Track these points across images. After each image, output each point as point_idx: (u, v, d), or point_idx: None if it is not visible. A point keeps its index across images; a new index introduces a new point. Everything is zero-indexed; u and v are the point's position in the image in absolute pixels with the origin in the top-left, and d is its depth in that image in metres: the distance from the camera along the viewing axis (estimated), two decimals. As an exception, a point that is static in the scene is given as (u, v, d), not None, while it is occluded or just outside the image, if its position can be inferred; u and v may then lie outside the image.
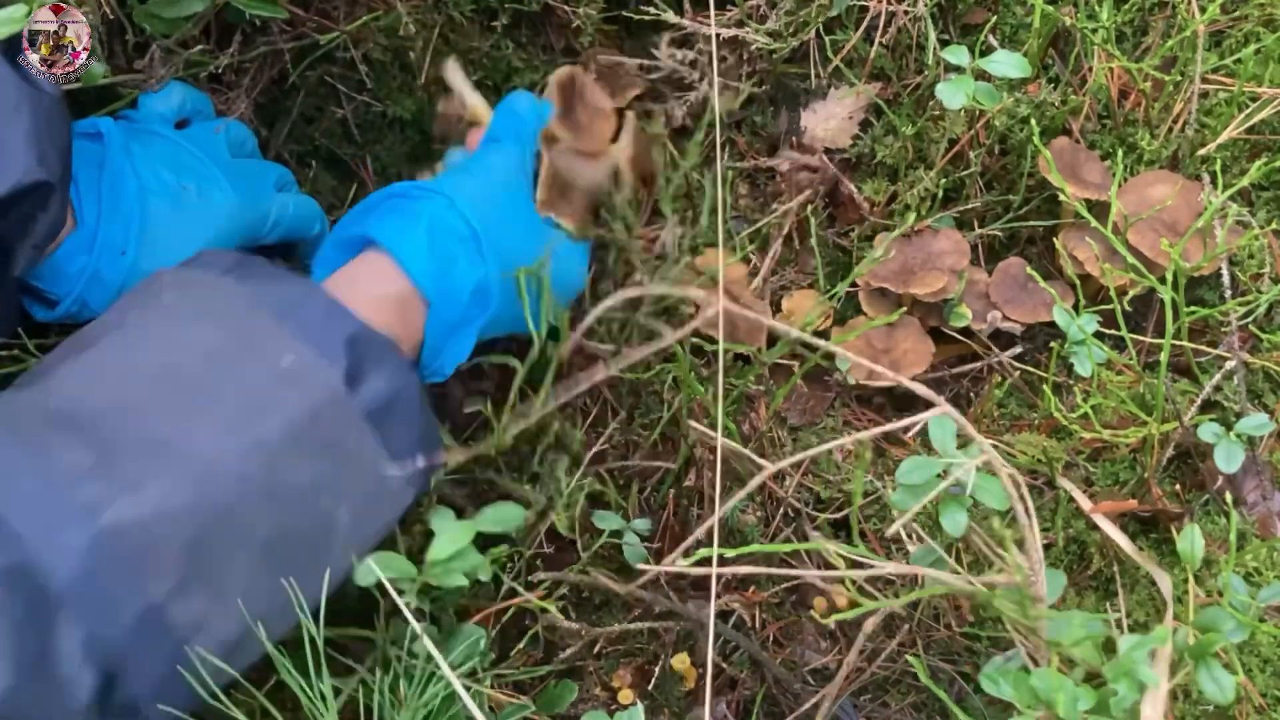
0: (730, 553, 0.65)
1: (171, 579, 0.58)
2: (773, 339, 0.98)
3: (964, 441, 0.72)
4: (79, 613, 0.56)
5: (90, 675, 0.56)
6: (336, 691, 0.68)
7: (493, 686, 0.80)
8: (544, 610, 0.82)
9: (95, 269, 0.81)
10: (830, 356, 0.93)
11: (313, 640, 0.64)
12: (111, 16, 0.85)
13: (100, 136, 0.85)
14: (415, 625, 0.62)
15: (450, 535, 0.71)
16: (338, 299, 0.69)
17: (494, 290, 0.79)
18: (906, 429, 0.98)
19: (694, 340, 0.97)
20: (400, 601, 0.64)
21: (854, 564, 0.66)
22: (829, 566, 0.69)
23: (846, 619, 0.61)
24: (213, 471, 0.60)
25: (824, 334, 1.01)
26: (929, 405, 1.03)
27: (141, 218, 0.83)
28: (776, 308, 1.04)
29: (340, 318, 0.67)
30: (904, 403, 1.01)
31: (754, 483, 0.62)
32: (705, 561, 0.71)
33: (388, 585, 0.65)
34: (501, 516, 0.74)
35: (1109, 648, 0.60)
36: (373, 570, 0.68)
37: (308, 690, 0.64)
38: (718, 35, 0.98)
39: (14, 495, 0.57)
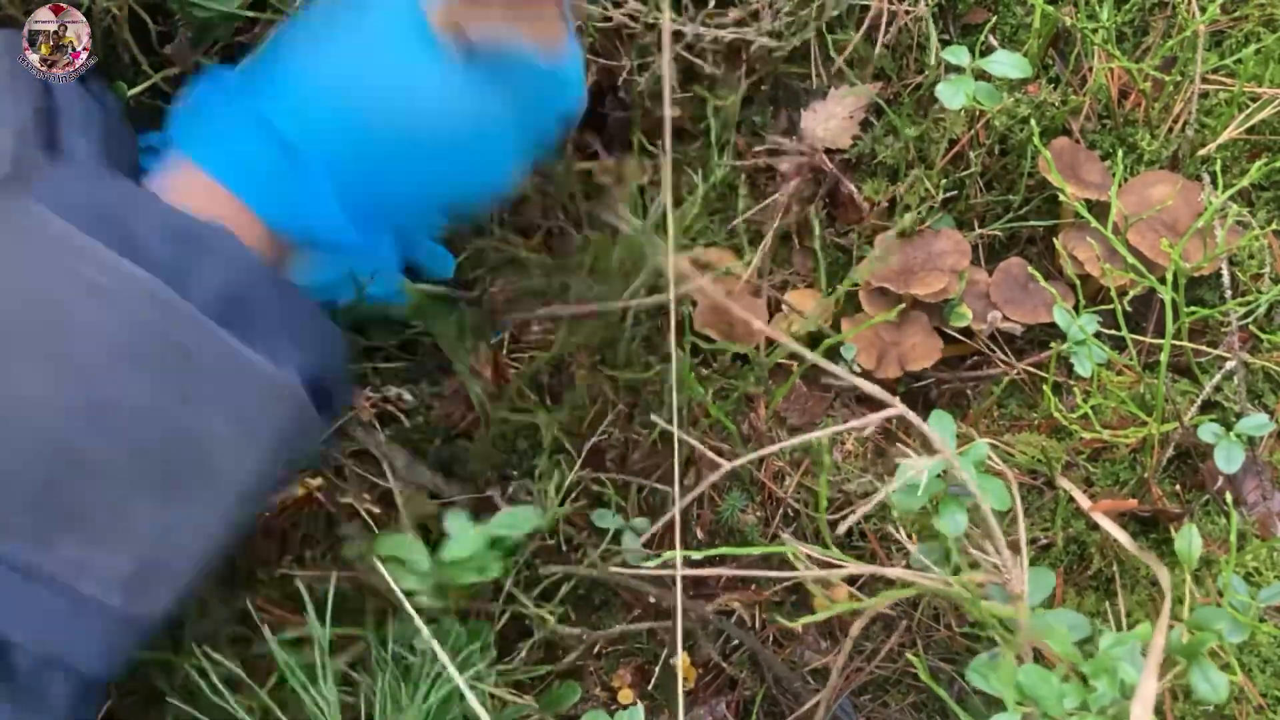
0: (697, 555, 0.65)
1: (26, 534, 0.54)
2: (772, 339, 0.98)
3: (965, 441, 0.72)
4: None
5: None
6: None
7: (496, 685, 0.80)
8: (544, 620, 0.82)
9: None
10: (831, 355, 0.93)
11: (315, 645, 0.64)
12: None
13: (157, 151, 0.86)
14: (421, 627, 0.62)
15: (465, 538, 0.71)
16: (155, 194, 0.62)
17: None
18: (905, 430, 0.98)
19: (692, 340, 0.97)
20: (406, 604, 0.63)
21: (825, 565, 0.66)
22: (826, 568, 0.69)
23: (816, 621, 0.61)
24: (35, 415, 0.55)
25: (823, 335, 1.01)
26: (930, 404, 1.04)
27: None
28: (776, 307, 1.04)
29: (156, 210, 0.60)
30: (905, 401, 1.01)
31: (713, 476, 0.63)
32: (706, 561, 0.71)
33: (393, 584, 0.65)
34: (515, 520, 0.74)
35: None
36: (384, 550, 0.68)
37: (309, 689, 0.64)
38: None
39: None
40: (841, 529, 0.62)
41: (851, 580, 0.92)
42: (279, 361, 0.60)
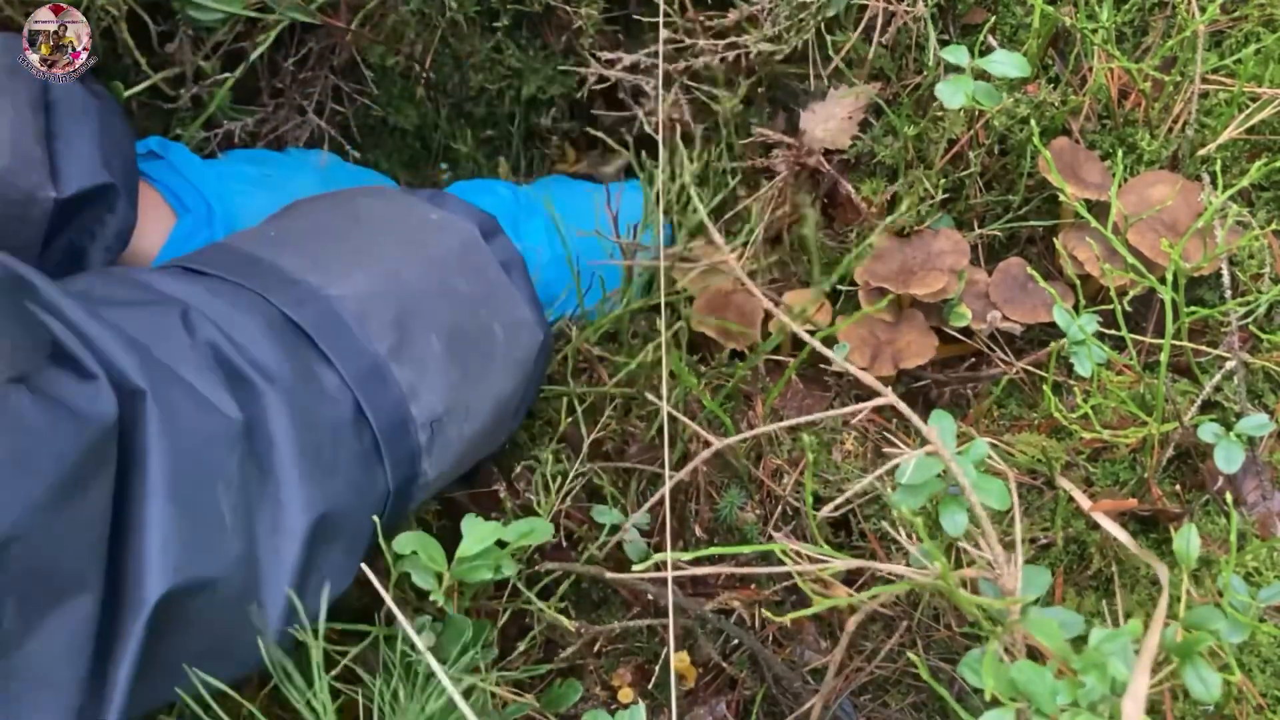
0: (686, 556, 0.66)
1: (386, 342, 0.70)
2: (766, 335, 0.98)
3: (965, 440, 0.72)
4: (330, 355, 0.67)
5: (349, 401, 0.67)
6: (335, 694, 0.68)
7: (497, 684, 0.80)
8: (543, 612, 0.82)
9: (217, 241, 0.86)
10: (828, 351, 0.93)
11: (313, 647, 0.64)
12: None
13: (158, 155, 0.89)
14: (412, 634, 0.63)
15: (478, 535, 0.74)
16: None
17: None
18: (905, 428, 0.98)
19: (689, 337, 0.97)
20: (400, 615, 0.64)
21: (814, 561, 0.66)
22: (819, 564, 0.69)
23: (810, 615, 0.61)
24: (399, 271, 0.74)
25: (820, 331, 1.01)
26: (930, 405, 1.04)
27: (232, 198, 0.90)
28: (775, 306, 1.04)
29: (467, 203, 0.85)
30: (905, 402, 1.01)
31: (704, 454, 0.66)
32: (705, 560, 0.71)
33: (381, 590, 0.65)
34: (528, 530, 0.76)
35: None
36: (403, 547, 0.72)
37: (305, 693, 0.64)
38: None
39: (255, 276, 0.69)
40: (824, 512, 0.62)
41: (851, 580, 0.92)
42: (531, 307, 0.83)
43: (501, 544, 0.75)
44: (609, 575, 0.80)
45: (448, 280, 0.77)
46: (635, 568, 0.69)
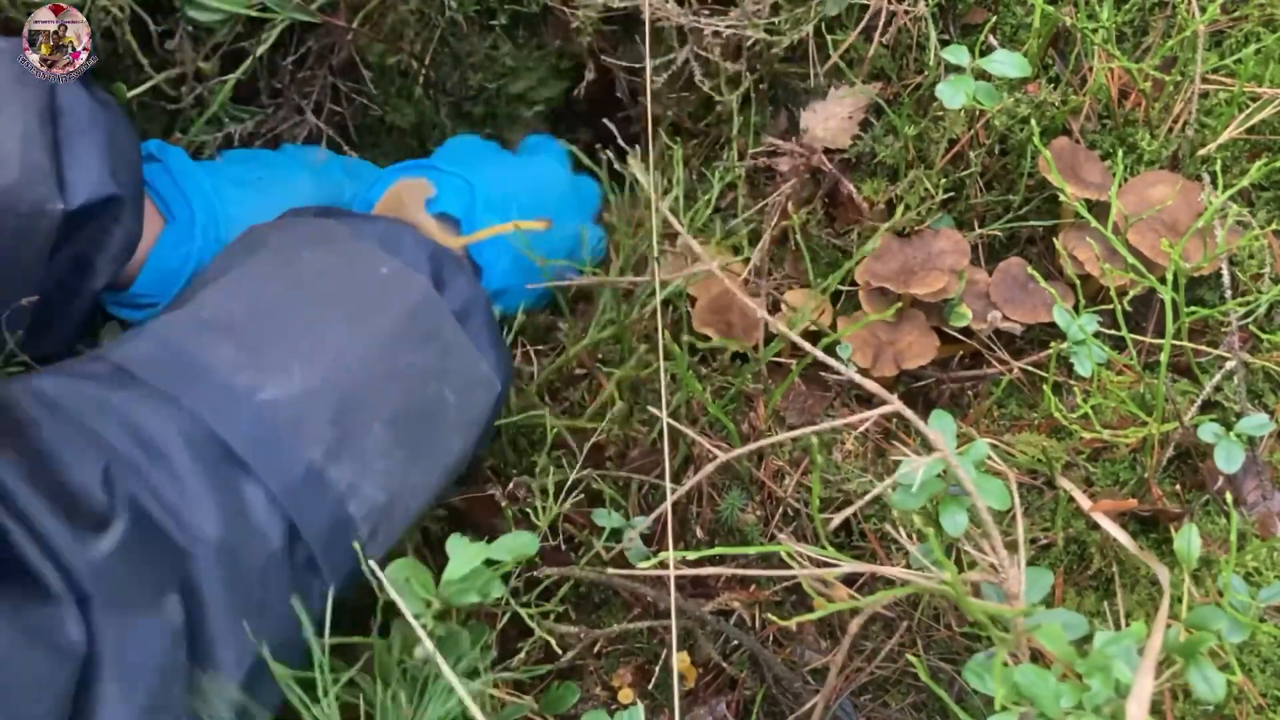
0: (692, 555, 0.66)
1: (323, 444, 0.67)
2: (769, 337, 0.98)
3: (965, 440, 0.72)
4: (259, 472, 0.65)
5: (278, 525, 0.65)
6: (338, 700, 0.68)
7: (497, 686, 0.80)
8: (544, 615, 0.82)
9: (199, 256, 0.87)
10: (829, 353, 0.93)
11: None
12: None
13: (156, 159, 0.89)
14: (426, 640, 0.63)
15: (464, 557, 0.73)
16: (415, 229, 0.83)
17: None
18: (905, 428, 0.98)
19: (690, 339, 0.97)
20: (411, 617, 0.64)
21: (821, 564, 0.66)
22: (823, 567, 0.69)
23: (813, 619, 0.61)
24: (343, 357, 0.71)
25: (822, 333, 1.01)
26: (930, 404, 1.04)
27: (222, 204, 0.90)
28: (775, 306, 1.04)
29: (421, 240, 0.80)
30: (905, 402, 1.01)
31: (708, 469, 0.63)
32: (707, 561, 0.71)
33: (399, 600, 0.65)
34: (514, 546, 0.75)
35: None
36: (396, 575, 0.71)
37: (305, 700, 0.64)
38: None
39: (184, 383, 0.66)
40: (834, 524, 0.62)
41: (851, 581, 0.92)
42: (487, 356, 0.79)
43: (490, 562, 0.75)
44: (611, 572, 0.80)
45: (396, 358, 0.73)
46: (645, 564, 0.69)
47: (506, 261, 0.93)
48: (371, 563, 0.68)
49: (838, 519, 0.60)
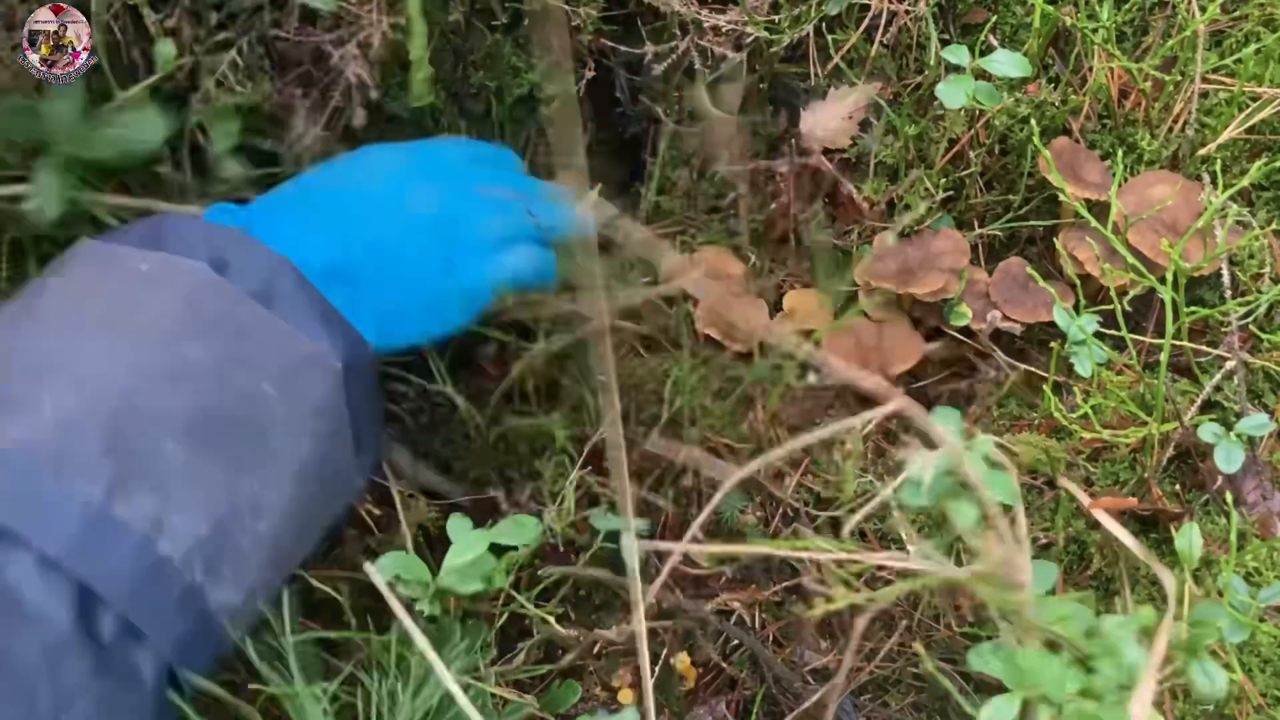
0: (708, 559, 0.65)
1: (102, 480, 0.56)
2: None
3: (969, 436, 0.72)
4: (22, 534, 0.53)
5: (61, 596, 0.53)
6: (333, 698, 0.68)
7: (497, 684, 0.80)
8: (544, 620, 0.82)
9: None
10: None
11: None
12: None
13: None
14: (416, 633, 0.62)
15: (466, 543, 0.71)
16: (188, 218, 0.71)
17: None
18: (905, 429, 0.98)
19: (691, 340, 0.97)
20: (404, 614, 0.63)
21: (835, 560, 0.66)
22: (836, 563, 0.69)
23: (837, 611, 0.61)
24: (106, 371, 0.59)
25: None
26: (930, 406, 1.03)
27: None
28: (776, 307, 1.04)
29: (192, 226, 0.68)
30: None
31: (725, 488, 0.63)
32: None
33: (385, 591, 0.64)
34: (517, 530, 0.74)
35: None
36: (385, 572, 0.68)
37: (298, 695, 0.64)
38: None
39: None
40: (846, 529, 0.62)
41: (855, 578, 0.92)
42: (312, 335, 0.66)
43: (494, 551, 0.73)
44: (610, 574, 0.80)
45: (175, 354, 0.61)
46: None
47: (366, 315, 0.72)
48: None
49: (854, 519, 0.60)
